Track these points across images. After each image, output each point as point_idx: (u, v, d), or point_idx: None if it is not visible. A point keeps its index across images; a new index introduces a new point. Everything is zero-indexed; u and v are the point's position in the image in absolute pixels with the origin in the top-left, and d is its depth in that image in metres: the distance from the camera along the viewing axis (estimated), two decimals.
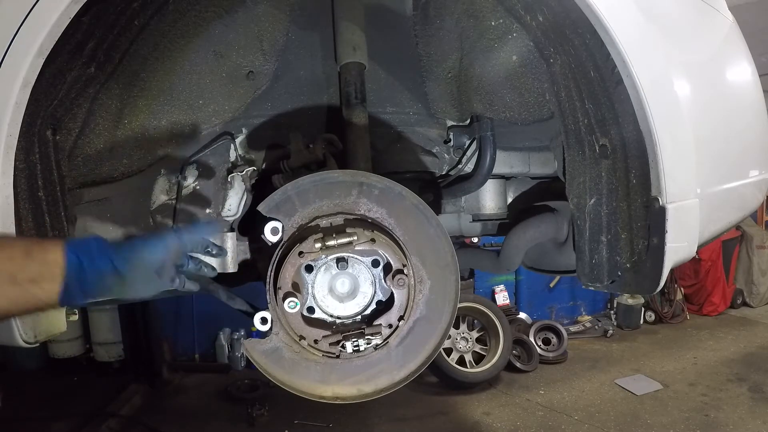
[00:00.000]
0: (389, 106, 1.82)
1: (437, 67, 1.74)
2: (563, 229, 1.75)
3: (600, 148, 1.38)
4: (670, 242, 1.25)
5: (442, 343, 1.32)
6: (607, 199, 1.41)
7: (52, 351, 5.59)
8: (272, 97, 1.68)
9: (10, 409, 4.46)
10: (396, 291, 1.24)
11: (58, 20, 0.98)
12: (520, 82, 1.57)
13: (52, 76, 1.08)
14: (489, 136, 1.78)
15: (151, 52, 1.37)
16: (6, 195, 1.00)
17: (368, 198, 1.27)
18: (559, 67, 1.40)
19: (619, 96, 1.25)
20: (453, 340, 5.45)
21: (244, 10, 1.47)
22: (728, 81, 1.55)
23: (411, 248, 1.27)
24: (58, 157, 1.21)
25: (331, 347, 1.24)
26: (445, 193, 1.97)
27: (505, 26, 1.50)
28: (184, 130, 1.51)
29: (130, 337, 5.50)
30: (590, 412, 4.71)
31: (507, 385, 5.33)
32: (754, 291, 7.85)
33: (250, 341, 1.28)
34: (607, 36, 1.17)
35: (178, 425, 4.67)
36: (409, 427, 4.56)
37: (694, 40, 1.45)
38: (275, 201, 1.25)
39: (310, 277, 1.24)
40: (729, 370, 5.52)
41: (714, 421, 4.45)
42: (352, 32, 1.57)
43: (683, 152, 1.25)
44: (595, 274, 1.47)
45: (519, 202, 2.07)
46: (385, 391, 1.29)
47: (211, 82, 1.51)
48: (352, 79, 1.57)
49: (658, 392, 5.07)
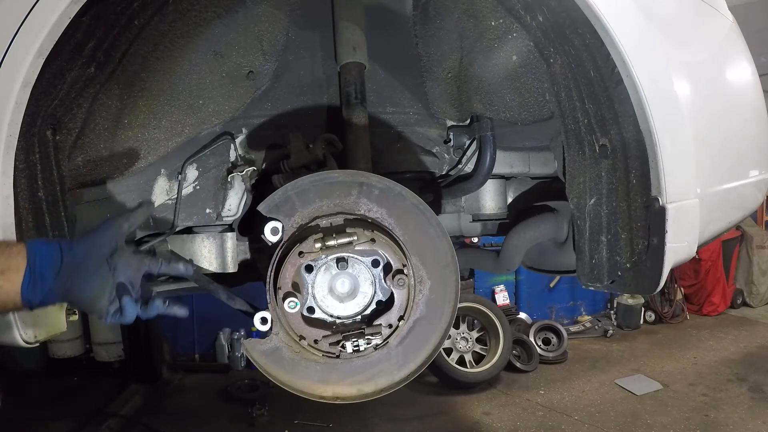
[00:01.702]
0: (389, 106, 1.82)
1: (437, 67, 1.74)
2: (563, 229, 1.75)
3: (600, 148, 1.38)
4: (670, 242, 1.25)
5: (442, 343, 1.32)
6: (607, 199, 1.41)
7: (52, 351, 5.59)
8: (272, 97, 1.68)
9: (10, 409, 4.46)
10: (396, 291, 1.25)
11: (58, 20, 0.98)
12: (520, 82, 1.57)
13: (52, 76, 1.08)
14: (489, 136, 1.78)
15: (151, 52, 1.37)
16: (6, 195, 1.00)
17: (368, 198, 1.27)
18: (559, 67, 1.40)
19: (619, 96, 1.25)
20: (453, 340, 5.45)
21: (244, 10, 1.47)
22: (728, 81, 1.55)
23: (411, 248, 1.27)
24: (58, 157, 1.21)
25: (331, 347, 1.24)
26: (445, 193, 1.97)
27: (505, 26, 1.50)
28: (184, 130, 1.51)
29: (130, 337, 5.50)
30: (590, 412, 4.71)
31: (507, 385, 5.33)
32: (754, 291, 7.84)
33: (250, 341, 1.28)
34: (607, 36, 1.17)
35: (178, 425, 4.67)
36: (409, 427, 4.56)
37: (694, 40, 1.45)
38: (275, 201, 1.25)
39: (310, 277, 1.24)
40: (729, 370, 5.52)
41: (714, 421, 4.45)
42: (352, 32, 1.57)
43: (683, 152, 1.25)
44: (595, 274, 1.47)
45: (519, 202, 2.07)
46: (385, 391, 1.29)
47: (211, 82, 1.50)
48: (352, 79, 1.57)
49: (658, 392, 5.07)
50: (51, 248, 0.94)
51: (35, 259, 0.91)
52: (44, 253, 0.93)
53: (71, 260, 0.95)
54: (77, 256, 0.96)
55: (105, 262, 0.99)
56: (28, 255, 0.91)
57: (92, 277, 0.97)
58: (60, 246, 0.95)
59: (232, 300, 1.34)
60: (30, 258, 0.91)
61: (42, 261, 0.92)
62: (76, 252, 0.96)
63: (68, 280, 0.94)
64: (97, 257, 0.98)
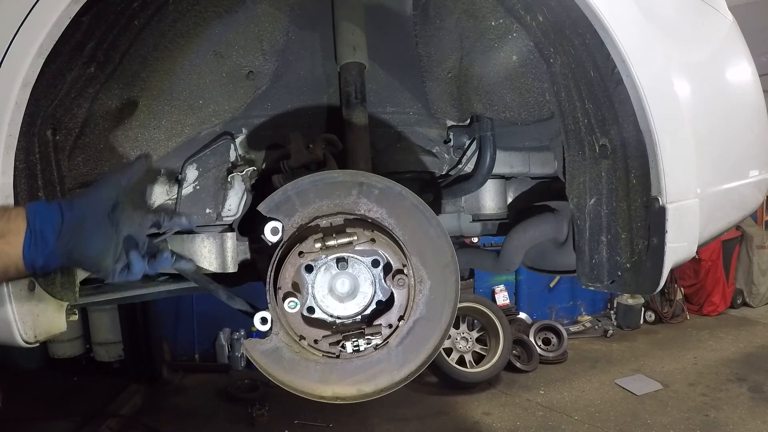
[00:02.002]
0: (389, 106, 1.82)
1: (437, 67, 1.74)
2: (563, 229, 1.75)
3: (600, 148, 1.38)
4: (670, 242, 1.25)
5: (442, 343, 1.32)
6: (607, 199, 1.41)
7: (52, 351, 5.59)
8: (272, 97, 1.68)
9: (10, 409, 4.46)
10: (396, 291, 1.24)
11: (58, 20, 0.98)
12: (520, 82, 1.57)
13: (52, 76, 1.08)
14: (489, 136, 1.78)
15: (151, 52, 1.37)
16: (6, 195, 1.00)
17: (368, 198, 1.27)
18: (559, 67, 1.40)
19: (619, 96, 1.25)
20: (453, 340, 5.45)
21: (244, 10, 1.47)
22: (728, 81, 1.55)
23: (411, 248, 1.27)
24: (58, 157, 1.21)
25: (331, 347, 1.24)
26: (445, 193, 1.97)
27: (505, 26, 1.50)
28: (184, 130, 1.51)
29: (130, 337, 5.51)
30: (590, 412, 4.71)
31: (507, 385, 5.34)
32: (754, 291, 7.85)
33: (250, 341, 1.28)
34: (607, 36, 1.17)
35: (178, 425, 4.67)
36: (409, 427, 4.56)
37: (694, 40, 1.45)
38: (275, 201, 1.25)
39: (310, 277, 1.24)
40: (729, 370, 5.52)
41: (714, 421, 4.45)
42: (352, 32, 1.57)
43: (683, 152, 1.25)
44: (595, 274, 1.47)
45: (519, 202, 2.07)
46: (385, 391, 1.29)
47: (211, 82, 1.50)
48: (352, 79, 1.57)
49: (658, 392, 5.08)
50: (50, 208, 0.92)
51: (35, 219, 0.89)
52: (44, 213, 0.91)
53: (72, 218, 0.92)
54: (77, 214, 0.93)
55: (107, 218, 0.97)
56: (28, 216, 0.89)
57: (95, 234, 0.95)
58: (60, 205, 0.93)
59: (232, 300, 1.34)
60: (30, 219, 0.89)
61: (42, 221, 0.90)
62: (76, 210, 0.94)
63: (70, 240, 0.92)
64: (98, 213, 0.96)
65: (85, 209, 0.95)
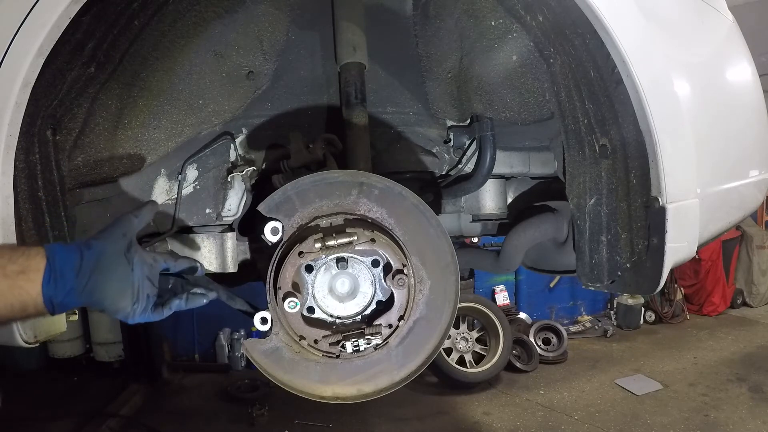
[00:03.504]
0: (389, 106, 1.82)
1: (437, 67, 1.74)
2: (563, 229, 1.75)
3: (600, 148, 1.38)
4: (670, 242, 1.25)
5: (442, 343, 1.32)
6: (607, 199, 1.41)
7: (52, 351, 5.59)
8: (272, 97, 1.68)
9: (10, 409, 4.46)
10: (396, 291, 1.24)
11: (58, 20, 0.98)
12: (520, 82, 1.57)
13: (52, 76, 1.08)
14: (489, 136, 1.78)
15: (151, 52, 1.37)
16: (6, 195, 1.00)
17: (368, 198, 1.27)
18: (559, 67, 1.40)
19: (619, 96, 1.25)
20: (453, 340, 5.45)
21: (244, 10, 1.47)
22: (728, 81, 1.55)
23: (411, 248, 1.27)
24: (58, 157, 1.21)
25: (331, 347, 1.23)
26: (445, 193, 1.97)
27: (505, 26, 1.50)
28: (184, 130, 1.51)
29: (130, 337, 5.51)
30: (590, 412, 4.71)
31: (507, 385, 5.34)
32: (754, 291, 7.85)
33: (250, 341, 1.28)
34: (607, 36, 1.17)
35: (178, 425, 4.67)
36: (409, 427, 4.56)
37: (694, 40, 1.45)
38: (275, 201, 1.25)
39: (310, 277, 1.24)
40: (729, 370, 5.52)
41: (714, 421, 4.45)
42: (352, 32, 1.57)
43: (683, 152, 1.25)
44: (595, 274, 1.47)
45: (519, 202, 2.07)
46: (385, 391, 1.29)
47: (211, 82, 1.50)
48: (352, 79, 1.57)
49: (658, 392, 5.08)
50: (69, 248, 0.94)
51: (55, 257, 0.90)
52: (63, 252, 0.92)
53: (90, 257, 0.94)
54: (95, 253, 0.95)
55: (123, 256, 0.98)
56: (48, 255, 0.90)
57: (113, 273, 0.96)
58: (78, 246, 0.95)
59: (232, 300, 1.34)
60: (50, 257, 0.90)
61: (62, 259, 0.91)
62: (93, 249, 0.95)
63: (90, 277, 0.93)
64: (114, 252, 0.97)
65: (102, 247, 0.97)
